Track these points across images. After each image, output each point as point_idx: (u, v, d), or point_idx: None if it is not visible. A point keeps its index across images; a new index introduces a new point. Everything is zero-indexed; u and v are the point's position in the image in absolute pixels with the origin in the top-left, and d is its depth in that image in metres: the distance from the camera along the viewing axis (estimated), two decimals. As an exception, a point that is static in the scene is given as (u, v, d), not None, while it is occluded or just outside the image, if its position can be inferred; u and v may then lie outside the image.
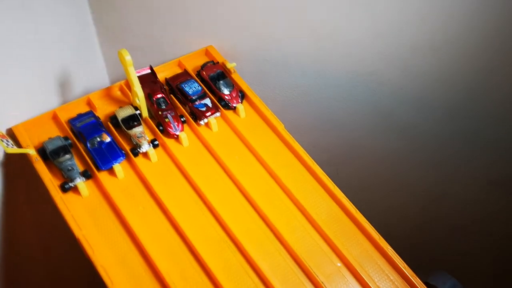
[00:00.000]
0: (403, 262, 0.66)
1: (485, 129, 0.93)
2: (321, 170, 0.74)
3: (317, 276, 0.64)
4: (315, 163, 0.74)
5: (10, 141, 0.63)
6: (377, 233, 0.68)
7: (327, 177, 0.73)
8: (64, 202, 0.65)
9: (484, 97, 0.88)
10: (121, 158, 0.71)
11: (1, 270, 0.79)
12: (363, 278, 0.64)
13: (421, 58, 0.83)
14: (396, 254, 0.67)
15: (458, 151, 0.99)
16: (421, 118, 0.94)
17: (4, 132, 0.68)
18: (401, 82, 0.88)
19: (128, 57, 0.70)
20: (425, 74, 0.86)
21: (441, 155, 1.01)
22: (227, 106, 0.81)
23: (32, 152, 0.67)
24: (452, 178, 1.05)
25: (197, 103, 0.79)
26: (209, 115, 0.78)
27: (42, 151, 0.68)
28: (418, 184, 1.09)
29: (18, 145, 0.68)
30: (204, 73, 0.83)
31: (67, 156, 0.68)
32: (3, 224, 0.75)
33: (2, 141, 0.60)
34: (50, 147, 0.68)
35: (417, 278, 0.66)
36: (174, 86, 0.81)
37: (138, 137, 0.72)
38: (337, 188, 0.72)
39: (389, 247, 0.67)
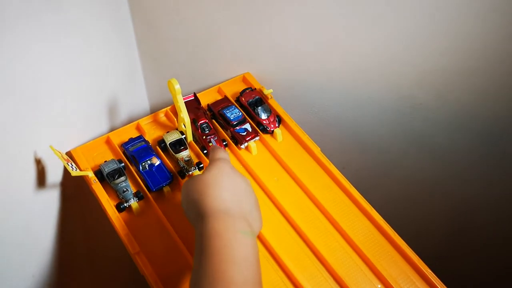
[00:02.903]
0: (443, 284, 0.68)
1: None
2: (357, 191, 0.77)
3: (359, 297, 0.67)
4: (351, 185, 0.78)
5: (74, 165, 0.68)
6: (416, 254, 0.70)
7: (363, 198, 0.77)
8: (121, 222, 0.70)
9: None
10: (170, 180, 0.75)
11: (54, 272, 0.84)
12: (404, 300, 0.67)
13: (453, 84, 0.86)
14: (436, 276, 0.69)
15: (488, 171, 1.02)
16: (453, 140, 0.97)
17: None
18: (432, 106, 0.91)
19: (177, 86, 0.75)
20: (457, 100, 0.89)
21: (471, 175, 1.03)
22: (265, 130, 0.85)
23: (91, 174, 0.72)
24: (481, 197, 1.08)
25: (237, 128, 0.83)
26: (249, 139, 0.83)
27: (99, 173, 0.73)
28: (447, 201, 1.11)
29: (77, 167, 0.74)
30: (243, 99, 0.88)
31: (122, 178, 0.73)
32: (58, 236, 0.82)
33: (68, 165, 0.65)
34: (106, 169, 0.73)
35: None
36: (216, 112, 0.86)
37: (185, 160, 0.77)
38: (374, 210, 0.75)
39: (428, 269, 0.69)
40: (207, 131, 0.82)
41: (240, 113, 0.85)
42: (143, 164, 0.75)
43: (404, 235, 0.75)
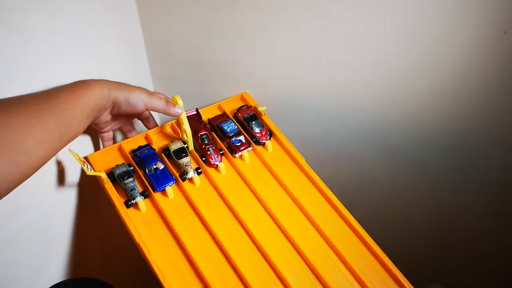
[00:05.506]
0: (410, 284, 0.78)
1: (489, 166, 1.04)
2: (335, 197, 0.87)
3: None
4: (330, 191, 0.88)
5: (89, 166, 0.80)
6: (388, 258, 0.80)
7: (341, 203, 0.87)
8: (128, 215, 0.81)
9: (486, 136, 0.98)
10: (172, 182, 0.87)
11: (68, 263, 0.94)
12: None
13: (424, 104, 0.96)
14: (408, 282, 0.78)
15: (463, 184, 1.10)
16: (428, 155, 1.06)
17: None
18: (406, 124, 1.00)
19: (180, 102, 0.87)
20: (428, 118, 0.98)
21: (448, 188, 1.11)
22: (257, 142, 0.96)
23: (103, 175, 0.84)
24: (458, 209, 1.15)
25: (233, 139, 0.95)
26: (243, 149, 0.94)
27: (111, 175, 0.85)
28: (426, 213, 1.20)
29: (92, 169, 0.86)
30: (239, 115, 1.00)
31: (130, 179, 0.84)
32: (74, 231, 0.92)
33: (84, 165, 0.77)
34: (117, 171, 0.85)
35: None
36: (215, 125, 0.98)
37: (185, 166, 0.89)
38: (350, 215, 0.85)
39: (400, 273, 0.79)
40: (207, 141, 0.94)
41: (236, 127, 0.97)
42: (149, 167, 0.87)
43: (386, 244, 0.84)
